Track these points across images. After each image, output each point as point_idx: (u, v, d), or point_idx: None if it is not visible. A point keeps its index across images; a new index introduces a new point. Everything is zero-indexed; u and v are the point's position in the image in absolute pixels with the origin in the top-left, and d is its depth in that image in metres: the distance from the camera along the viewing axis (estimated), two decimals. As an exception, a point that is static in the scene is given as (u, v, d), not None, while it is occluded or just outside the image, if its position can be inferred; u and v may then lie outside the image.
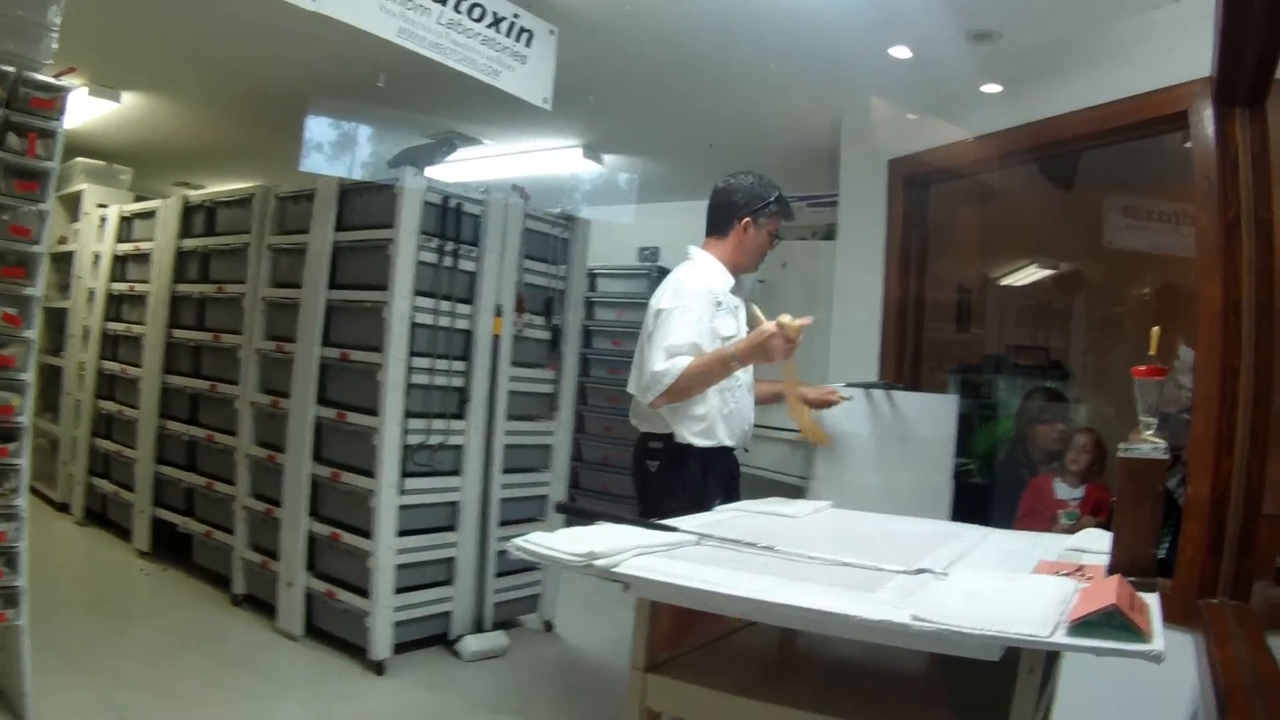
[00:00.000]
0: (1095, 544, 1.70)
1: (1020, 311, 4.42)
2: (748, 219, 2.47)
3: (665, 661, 1.55)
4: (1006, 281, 4.35)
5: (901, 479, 2.44)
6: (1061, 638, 1.08)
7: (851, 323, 3.81)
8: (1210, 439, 2.27)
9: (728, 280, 2.48)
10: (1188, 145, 2.75)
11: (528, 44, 2.70)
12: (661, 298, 2.41)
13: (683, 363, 2.28)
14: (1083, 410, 3.86)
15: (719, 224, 2.53)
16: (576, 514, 2.96)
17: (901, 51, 3.13)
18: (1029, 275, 4.22)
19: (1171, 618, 1.32)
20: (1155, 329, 1.57)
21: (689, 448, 2.38)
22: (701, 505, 2.14)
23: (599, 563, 1.34)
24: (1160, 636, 1.12)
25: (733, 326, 2.41)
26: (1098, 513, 2.91)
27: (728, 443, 2.44)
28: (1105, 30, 2.80)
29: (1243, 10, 1.66)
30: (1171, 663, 1.14)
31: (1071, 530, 2.63)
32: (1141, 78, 2.64)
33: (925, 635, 1.10)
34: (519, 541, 1.43)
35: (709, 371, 2.28)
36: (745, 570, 1.36)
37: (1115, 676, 2.13)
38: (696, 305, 2.35)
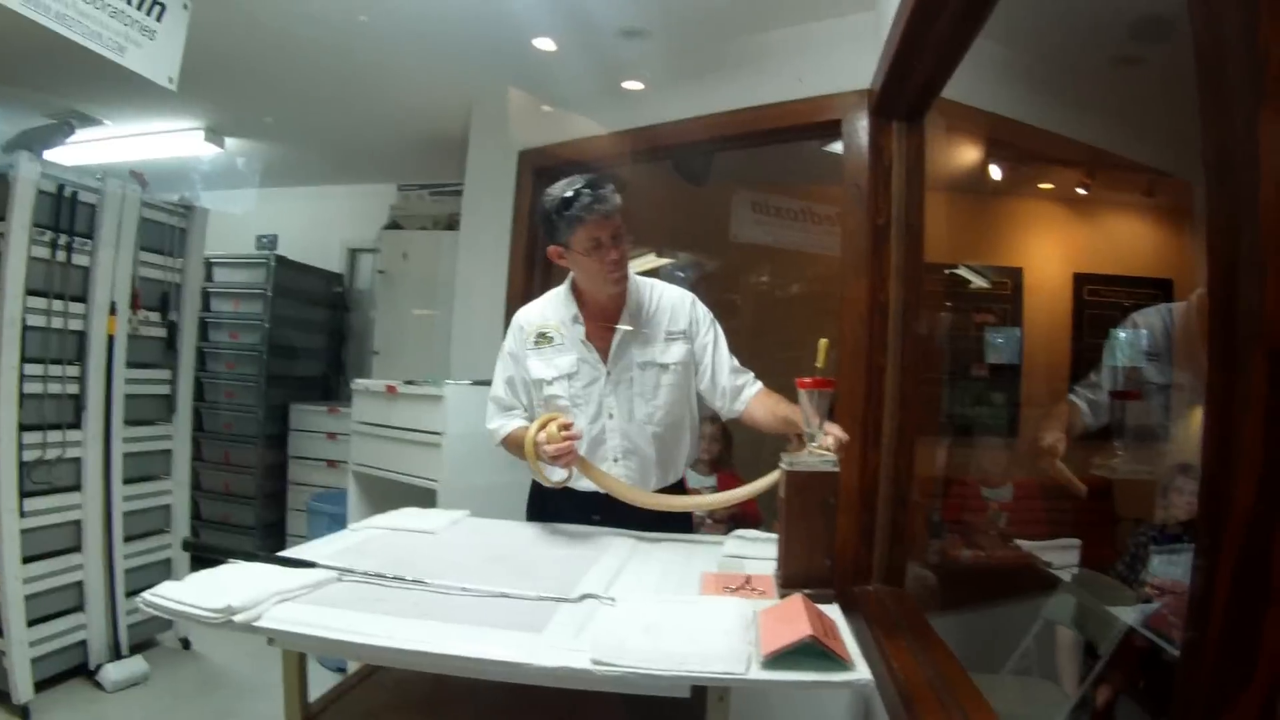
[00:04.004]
0: (751, 549, 1.71)
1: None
2: (554, 247, 2.00)
3: (321, 710, 1.50)
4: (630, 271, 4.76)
5: (527, 476, 2.09)
6: (759, 674, 1.05)
7: (473, 316, 3.69)
8: (856, 434, 2.23)
9: (561, 312, 2.08)
10: (828, 148, 2.76)
11: (158, 18, 2.49)
12: None
13: (503, 432, 2.07)
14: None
15: None
16: (204, 550, 2.84)
17: (545, 43, 3.05)
18: (647, 263, 4.41)
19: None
20: (823, 341, 1.53)
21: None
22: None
23: (239, 618, 1.24)
24: (861, 661, 1.11)
25: (550, 370, 2.03)
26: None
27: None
28: (761, 36, 2.77)
29: (921, 33, 1.74)
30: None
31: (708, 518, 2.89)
32: (792, 85, 2.63)
33: (611, 679, 1.07)
34: (148, 596, 1.31)
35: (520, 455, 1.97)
36: (397, 614, 1.26)
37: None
38: (506, 347, 2.13)
